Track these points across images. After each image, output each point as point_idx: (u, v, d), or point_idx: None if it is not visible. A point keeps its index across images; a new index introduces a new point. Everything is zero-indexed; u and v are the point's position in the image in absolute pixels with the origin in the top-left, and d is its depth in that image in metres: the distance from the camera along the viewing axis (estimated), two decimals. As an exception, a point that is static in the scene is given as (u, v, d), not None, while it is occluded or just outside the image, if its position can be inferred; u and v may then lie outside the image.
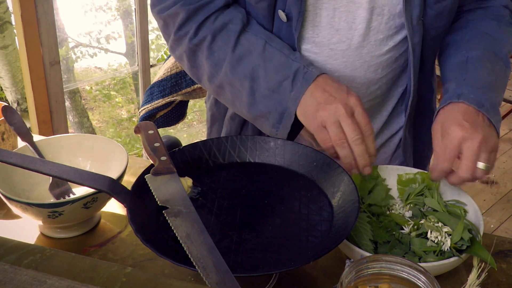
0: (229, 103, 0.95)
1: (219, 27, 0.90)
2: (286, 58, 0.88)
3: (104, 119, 4.64)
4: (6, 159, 0.74)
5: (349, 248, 0.76)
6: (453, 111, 0.86)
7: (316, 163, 0.86)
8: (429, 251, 0.78)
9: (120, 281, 0.48)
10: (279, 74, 0.87)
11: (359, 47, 0.92)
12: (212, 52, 0.90)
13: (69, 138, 0.98)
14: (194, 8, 0.90)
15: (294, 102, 0.86)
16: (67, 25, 4.06)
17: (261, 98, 0.89)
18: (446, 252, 0.78)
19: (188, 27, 0.91)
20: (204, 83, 0.96)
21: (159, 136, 0.83)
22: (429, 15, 0.91)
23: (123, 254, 0.84)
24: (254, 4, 0.90)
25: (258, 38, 0.90)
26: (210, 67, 0.91)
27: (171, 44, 0.96)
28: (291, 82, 0.86)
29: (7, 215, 0.92)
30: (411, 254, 0.78)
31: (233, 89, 0.91)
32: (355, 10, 0.90)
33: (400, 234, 0.81)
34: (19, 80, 2.89)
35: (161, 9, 0.93)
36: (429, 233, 0.79)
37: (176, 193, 0.75)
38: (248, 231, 0.75)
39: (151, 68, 2.82)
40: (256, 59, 0.88)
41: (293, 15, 0.88)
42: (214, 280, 0.62)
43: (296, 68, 0.87)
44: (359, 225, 0.80)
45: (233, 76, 0.89)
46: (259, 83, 0.88)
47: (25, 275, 0.47)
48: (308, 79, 0.85)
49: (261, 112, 0.89)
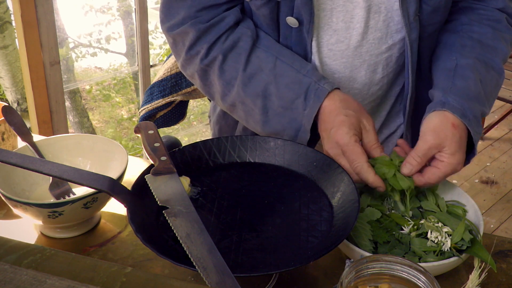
0: (243, 120, 0.96)
1: (230, 47, 0.90)
2: (296, 74, 0.89)
3: (104, 119, 4.64)
4: (6, 159, 0.74)
5: (349, 248, 0.76)
6: (436, 119, 0.85)
7: (316, 163, 0.86)
8: (429, 251, 0.78)
9: (120, 281, 0.48)
10: (291, 92, 0.88)
11: (358, 47, 0.92)
12: (223, 71, 0.91)
13: (69, 138, 0.98)
14: (205, 28, 0.90)
15: (309, 120, 0.86)
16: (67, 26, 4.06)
17: (274, 115, 0.89)
18: (446, 252, 0.78)
19: (199, 47, 0.91)
20: (217, 101, 0.97)
21: (159, 136, 0.83)
22: (425, 11, 0.91)
23: (123, 254, 0.84)
24: (256, 10, 0.91)
25: (268, 54, 0.90)
26: (222, 86, 0.92)
27: (182, 63, 0.96)
28: (304, 101, 0.87)
29: (7, 215, 0.92)
30: (411, 254, 0.78)
31: (246, 107, 0.92)
32: (352, 9, 0.90)
33: (400, 234, 0.81)
34: (19, 80, 2.89)
35: (170, 27, 0.93)
36: (429, 233, 0.79)
37: (176, 193, 0.75)
38: (248, 231, 0.75)
39: (151, 68, 2.82)
40: (267, 77, 0.89)
41: (304, 18, 0.88)
42: (214, 280, 0.62)
43: (308, 85, 0.87)
44: (358, 225, 0.80)
45: (245, 95, 0.90)
46: (271, 101, 0.89)
47: (25, 275, 0.47)
48: (320, 96, 0.86)
49: (275, 130, 0.90)
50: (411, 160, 0.83)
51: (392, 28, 0.93)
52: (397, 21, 0.92)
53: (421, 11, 0.91)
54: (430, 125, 0.85)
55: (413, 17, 0.90)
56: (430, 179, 0.83)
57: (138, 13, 2.62)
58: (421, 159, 0.83)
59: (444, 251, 0.78)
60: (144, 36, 2.70)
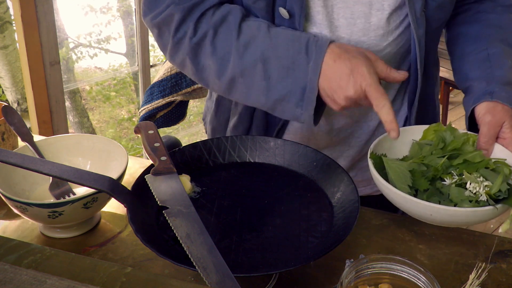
0: (244, 96, 0.90)
1: (219, 20, 0.87)
2: (293, 32, 0.86)
3: (104, 119, 4.64)
4: (6, 159, 0.74)
5: (388, 189, 0.80)
6: (490, 104, 0.90)
7: (316, 163, 0.86)
8: (465, 199, 0.80)
9: (120, 281, 0.48)
10: (290, 50, 0.84)
11: (358, 43, 0.92)
12: (216, 48, 0.87)
13: (69, 138, 0.98)
14: (189, 6, 0.87)
15: (315, 74, 0.82)
16: (67, 26, 4.07)
17: (277, 79, 0.85)
18: (482, 201, 0.80)
19: (185, 26, 0.88)
20: (213, 84, 0.92)
21: (159, 136, 0.83)
22: (431, 7, 0.92)
23: (123, 254, 0.84)
24: (252, 4, 0.90)
25: (260, 22, 0.87)
26: (216, 64, 0.88)
27: (169, 51, 0.92)
28: (306, 55, 0.83)
29: (7, 215, 0.92)
30: (448, 201, 0.81)
31: (246, 78, 0.87)
32: (353, 5, 0.90)
33: (441, 184, 0.84)
34: (19, 80, 2.89)
35: (154, 16, 0.90)
36: (468, 184, 0.82)
37: (176, 193, 0.75)
38: (248, 231, 0.75)
39: (151, 68, 2.83)
40: (263, 41, 0.85)
41: (295, 11, 0.87)
42: (214, 280, 0.62)
43: (307, 39, 0.84)
44: (399, 171, 0.83)
45: (243, 65, 0.86)
46: (271, 64, 0.85)
47: (25, 275, 0.47)
48: (322, 46, 0.83)
49: (280, 95, 0.85)
50: (481, 145, 0.88)
51: (393, 25, 0.93)
52: (398, 18, 0.92)
53: (427, 6, 0.92)
54: (484, 110, 0.90)
55: (419, 13, 0.90)
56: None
57: (138, 13, 2.63)
58: (488, 140, 0.88)
59: (480, 201, 0.80)
60: (144, 36, 2.70)
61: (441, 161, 0.85)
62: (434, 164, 0.86)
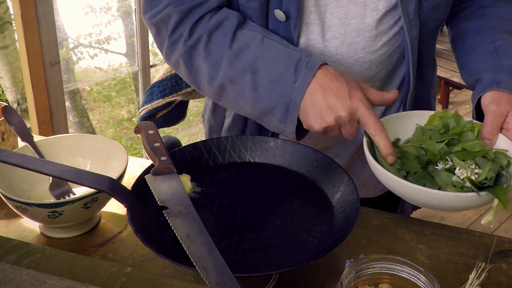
0: (233, 103, 0.91)
1: (215, 25, 0.87)
2: (286, 48, 0.85)
3: (104, 119, 4.65)
4: (6, 159, 0.74)
5: (373, 165, 0.79)
6: (495, 94, 0.89)
7: (316, 163, 0.86)
8: (450, 184, 0.79)
9: (120, 281, 0.48)
10: (280, 64, 0.84)
11: (352, 43, 0.92)
12: (209, 52, 0.87)
13: (69, 138, 0.98)
14: (187, 9, 0.87)
15: (300, 93, 0.82)
16: (67, 26, 4.07)
17: (264, 91, 0.85)
18: (467, 188, 0.78)
19: (182, 28, 0.88)
20: (204, 88, 0.92)
21: (159, 136, 0.83)
22: (425, 8, 0.91)
23: (123, 254, 0.84)
24: (245, 4, 0.89)
25: (255, 32, 0.87)
26: (208, 69, 0.88)
27: (165, 51, 0.92)
28: (294, 72, 0.83)
29: (7, 215, 0.92)
30: (435, 185, 0.80)
31: (235, 86, 0.87)
32: (347, 5, 0.89)
33: (433, 168, 0.82)
34: (19, 80, 2.89)
35: (152, 14, 0.90)
36: (457, 169, 0.80)
37: (176, 193, 0.75)
38: (248, 231, 0.75)
39: (151, 68, 2.83)
40: (255, 51, 0.85)
41: (291, 13, 0.87)
42: (214, 280, 0.62)
43: (298, 57, 0.84)
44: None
45: (233, 73, 0.86)
46: (260, 75, 0.84)
47: (25, 275, 0.47)
48: (312, 67, 0.82)
49: (266, 107, 0.85)
50: (484, 135, 0.87)
51: (387, 25, 0.93)
52: (393, 19, 0.92)
53: (421, 8, 0.91)
54: (489, 99, 0.89)
55: (413, 15, 0.90)
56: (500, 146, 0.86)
57: (138, 13, 2.63)
58: (491, 130, 0.87)
59: (465, 187, 0.78)
60: (144, 36, 2.70)
61: (440, 147, 0.84)
62: (432, 149, 0.85)
